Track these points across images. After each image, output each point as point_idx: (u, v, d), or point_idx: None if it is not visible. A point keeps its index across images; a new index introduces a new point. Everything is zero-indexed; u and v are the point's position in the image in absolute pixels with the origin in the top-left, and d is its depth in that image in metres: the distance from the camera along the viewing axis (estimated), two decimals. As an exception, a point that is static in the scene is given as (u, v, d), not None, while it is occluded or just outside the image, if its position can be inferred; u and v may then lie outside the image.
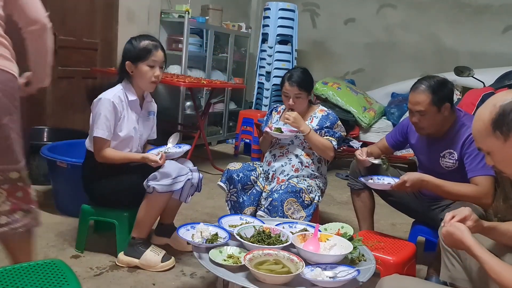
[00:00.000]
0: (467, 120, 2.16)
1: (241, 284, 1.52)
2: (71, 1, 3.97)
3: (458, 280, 1.58)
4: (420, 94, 2.10)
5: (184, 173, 2.20)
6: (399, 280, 1.44)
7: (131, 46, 2.26)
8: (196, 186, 2.32)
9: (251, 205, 2.54)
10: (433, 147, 2.23)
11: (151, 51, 2.22)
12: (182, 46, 4.77)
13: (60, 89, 3.99)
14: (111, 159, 2.19)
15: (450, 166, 2.17)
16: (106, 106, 2.17)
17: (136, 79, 2.27)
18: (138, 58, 2.23)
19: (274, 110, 2.82)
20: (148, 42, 2.24)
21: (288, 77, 2.55)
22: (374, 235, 2.24)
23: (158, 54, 2.25)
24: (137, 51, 2.23)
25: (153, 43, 2.25)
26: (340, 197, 3.83)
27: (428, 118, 2.12)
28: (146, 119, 2.38)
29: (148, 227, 2.27)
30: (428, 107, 2.09)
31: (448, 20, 5.43)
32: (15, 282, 1.37)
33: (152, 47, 2.23)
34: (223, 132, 5.65)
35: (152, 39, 2.29)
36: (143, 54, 2.22)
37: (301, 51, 5.84)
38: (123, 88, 2.27)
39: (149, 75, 2.24)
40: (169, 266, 2.25)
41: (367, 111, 4.99)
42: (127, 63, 2.25)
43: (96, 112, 2.18)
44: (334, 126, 2.59)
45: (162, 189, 2.13)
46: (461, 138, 2.13)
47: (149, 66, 2.23)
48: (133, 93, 2.29)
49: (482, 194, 2.03)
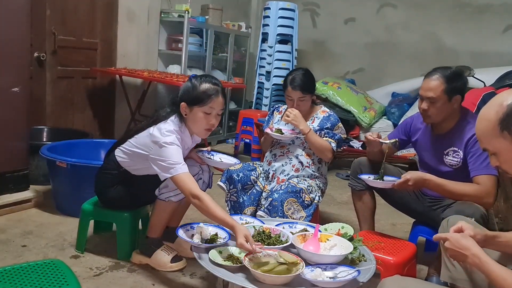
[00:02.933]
0: (472, 118, 2.15)
1: (241, 284, 1.52)
2: (71, 1, 3.96)
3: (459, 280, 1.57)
4: (434, 81, 2.11)
5: (195, 173, 2.17)
6: (400, 281, 1.43)
7: (190, 86, 2.07)
8: (207, 183, 2.30)
9: (251, 205, 2.54)
10: (437, 144, 2.23)
11: (211, 96, 2.03)
12: (182, 46, 4.77)
13: (60, 89, 3.99)
14: (203, 209, 1.88)
15: (455, 164, 2.16)
16: (178, 151, 1.96)
17: (189, 122, 2.09)
18: (194, 102, 2.04)
19: (275, 110, 2.81)
20: (210, 86, 2.05)
21: (290, 81, 2.53)
22: (375, 235, 2.24)
23: (218, 101, 2.05)
24: (196, 94, 2.04)
25: (215, 88, 2.05)
26: (340, 197, 3.82)
27: (437, 107, 2.11)
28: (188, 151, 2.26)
29: (162, 227, 2.27)
30: (440, 94, 2.09)
31: (449, 20, 5.42)
32: (15, 282, 1.37)
33: (213, 92, 2.03)
34: (223, 132, 5.65)
35: (215, 82, 2.08)
36: (202, 98, 2.03)
37: (301, 51, 5.83)
38: (179, 132, 2.07)
39: (204, 123, 2.06)
40: (178, 267, 2.23)
41: (368, 110, 4.98)
42: (182, 104, 2.05)
43: (169, 154, 1.94)
44: (335, 128, 2.59)
45: (178, 198, 2.12)
46: (465, 137, 2.12)
47: (205, 113, 2.05)
48: (189, 138, 2.13)
49: (484, 193, 2.02)
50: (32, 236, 2.52)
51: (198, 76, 2.13)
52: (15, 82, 2.78)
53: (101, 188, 2.28)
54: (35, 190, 3.01)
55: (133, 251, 2.31)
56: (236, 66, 5.91)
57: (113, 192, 2.24)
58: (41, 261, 1.50)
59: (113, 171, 2.22)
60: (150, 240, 2.26)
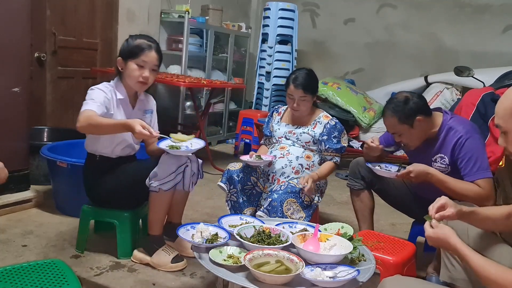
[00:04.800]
0: (455, 123, 2.17)
1: (241, 284, 1.52)
2: (71, 1, 3.97)
3: (458, 280, 1.58)
4: (388, 119, 2.21)
5: (183, 163, 2.16)
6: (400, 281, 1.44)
7: (126, 43, 2.21)
8: (197, 173, 2.28)
9: (251, 205, 2.54)
10: (424, 152, 2.25)
11: (143, 50, 2.15)
12: (182, 46, 4.77)
13: (60, 89, 4.00)
14: (94, 125, 2.00)
15: (444, 170, 2.18)
16: (99, 94, 2.11)
17: (125, 77, 2.20)
18: (128, 55, 2.16)
19: (275, 111, 2.81)
20: (142, 41, 2.18)
21: (293, 79, 2.53)
22: (374, 235, 2.24)
23: (150, 55, 2.17)
24: (129, 48, 2.17)
25: (148, 43, 2.17)
26: (340, 197, 3.83)
27: (405, 136, 2.19)
28: (140, 118, 2.26)
29: (161, 223, 2.28)
30: (399, 127, 2.17)
31: (448, 20, 5.43)
32: (15, 282, 1.37)
33: (145, 46, 2.16)
34: (223, 132, 5.65)
35: (149, 39, 2.21)
36: (134, 51, 2.15)
37: (301, 51, 5.84)
38: (113, 86, 2.21)
39: (136, 74, 2.16)
40: (178, 268, 2.24)
41: (367, 111, 4.99)
42: (118, 59, 2.20)
43: (90, 93, 2.11)
44: (341, 135, 2.60)
45: (168, 186, 2.13)
46: (450, 143, 2.15)
47: (138, 65, 2.15)
48: (122, 92, 2.22)
49: (483, 197, 2.04)
50: (33, 236, 2.52)
51: (135, 35, 2.25)
52: (15, 82, 2.78)
53: (89, 187, 2.29)
54: (36, 190, 3.01)
55: (134, 251, 2.31)
56: (236, 67, 5.91)
57: (100, 189, 2.25)
58: (41, 261, 1.50)
59: (91, 164, 2.25)
60: (151, 238, 2.26)
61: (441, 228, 1.39)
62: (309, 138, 2.57)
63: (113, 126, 2.06)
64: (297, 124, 2.65)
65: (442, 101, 4.83)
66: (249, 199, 2.57)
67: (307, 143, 2.58)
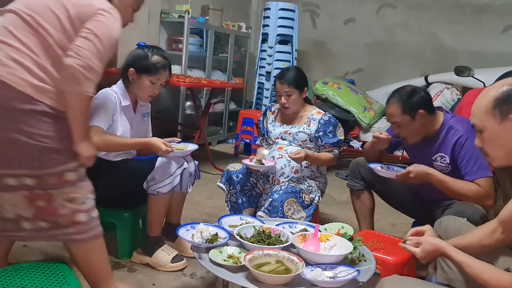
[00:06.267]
0: (455, 122, 2.17)
1: (241, 284, 1.52)
2: (71, 1, 3.96)
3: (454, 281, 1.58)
4: (391, 106, 2.20)
5: (180, 165, 2.19)
6: (399, 281, 1.44)
7: (142, 55, 2.20)
8: (194, 174, 2.31)
9: (250, 206, 2.54)
10: (424, 151, 2.25)
11: (159, 69, 2.18)
12: (182, 46, 4.77)
13: (60, 89, 3.99)
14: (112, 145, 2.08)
15: (444, 169, 2.18)
16: (105, 100, 2.13)
17: (135, 87, 2.22)
18: (143, 71, 2.17)
19: (268, 110, 2.79)
20: (160, 59, 2.19)
21: (278, 76, 2.56)
22: (374, 235, 2.24)
23: (165, 74, 2.22)
24: (146, 63, 2.17)
25: (164, 62, 2.20)
26: (340, 197, 3.83)
27: (405, 128, 2.18)
28: (140, 122, 2.36)
29: (160, 224, 2.29)
30: (400, 117, 2.16)
31: (448, 20, 5.43)
32: (16, 282, 1.37)
33: (161, 66, 2.18)
34: (223, 132, 5.65)
35: (164, 56, 2.23)
36: (151, 69, 2.17)
37: (301, 51, 5.84)
38: (117, 93, 2.22)
39: (149, 90, 2.21)
40: (178, 268, 2.24)
41: (367, 111, 4.99)
42: (130, 69, 2.19)
43: (96, 103, 2.09)
44: (336, 129, 2.59)
45: (166, 189, 2.14)
46: (450, 142, 2.14)
47: (152, 82, 2.19)
48: (127, 99, 2.24)
49: (483, 196, 2.03)
50: (33, 236, 2.52)
51: (150, 47, 2.25)
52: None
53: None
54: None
55: (133, 251, 2.31)
56: (236, 67, 5.91)
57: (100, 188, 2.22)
58: (42, 261, 1.50)
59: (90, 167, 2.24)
60: (151, 239, 2.27)
61: (425, 243, 1.45)
62: (305, 136, 2.57)
63: (131, 146, 2.20)
64: (291, 123, 2.64)
65: (442, 101, 4.83)
66: (249, 200, 2.57)
67: (304, 141, 2.58)
